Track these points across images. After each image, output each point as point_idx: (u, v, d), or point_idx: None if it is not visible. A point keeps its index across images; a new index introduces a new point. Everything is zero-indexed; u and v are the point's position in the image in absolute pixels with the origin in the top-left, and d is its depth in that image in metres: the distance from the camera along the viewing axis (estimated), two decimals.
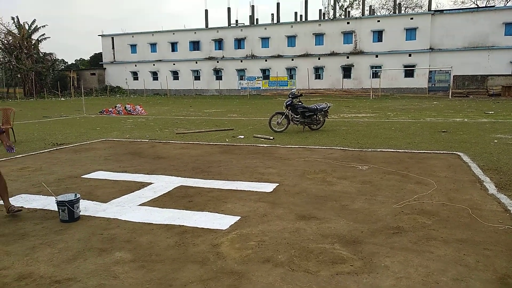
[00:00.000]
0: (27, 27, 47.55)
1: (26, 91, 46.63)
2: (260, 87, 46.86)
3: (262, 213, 4.17)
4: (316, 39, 44.21)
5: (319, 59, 44.25)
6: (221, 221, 3.96)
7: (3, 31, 46.71)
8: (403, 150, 7.77)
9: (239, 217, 4.05)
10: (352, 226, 3.76)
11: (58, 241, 3.53)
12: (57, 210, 4.11)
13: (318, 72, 44.79)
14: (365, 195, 4.77)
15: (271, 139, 9.52)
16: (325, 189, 5.06)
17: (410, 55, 40.37)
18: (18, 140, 9.94)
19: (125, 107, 19.06)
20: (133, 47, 51.88)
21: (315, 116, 10.98)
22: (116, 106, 19.49)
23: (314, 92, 40.47)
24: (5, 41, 46.98)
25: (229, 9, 49.96)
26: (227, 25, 49.51)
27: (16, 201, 4.73)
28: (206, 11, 53.32)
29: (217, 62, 48.47)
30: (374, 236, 3.52)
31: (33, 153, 8.14)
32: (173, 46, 50.23)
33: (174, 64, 50.09)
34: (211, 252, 3.25)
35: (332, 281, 2.73)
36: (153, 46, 51.02)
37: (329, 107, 11.15)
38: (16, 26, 47.43)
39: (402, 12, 47.67)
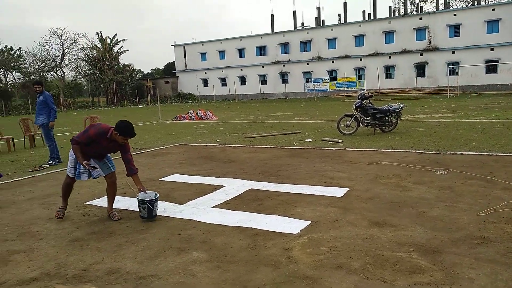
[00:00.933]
0: (108, 41, 51.82)
1: (108, 99, 50.80)
2: (327, 89, 46.21)
3: (333, 219, 4.12)
4: (386, 37, 42.56)
5: (389, 57, 42.52)
6: (292, 225, 3.98)
7: (88, 46, 51.45)
8: (486, 153, 7.17)
9: (310, 222, 4.04)
10: (430, 235, 3.56)
11: (141, 240, 3.80)
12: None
13: (388, 71, 43.05)
14: (444, 202, 4.49)
15: (340, 142, 9.35)
16: (400, 195, 4.85)
17: (492, 49, 37.20)
18: None
19: (197, 113, 19.93)
20: (203, 55, 54.11)
21: (386, 118, 10.57)
22: (188, 112, 20.46)
23: (385, 92, 38.92)
24: (91, 55, 51.65)
25: (294, 12, 50.10)
26: (292, 29, 49.61)
27: (103, 201, 5.17)
28: (272, 16, 54.07)
29: (283, 65, 48.73)
30: (455, 245, 3.30)
31: (116, 157, 8.82)
32: (240, 52, 51.50)
33: (241, 69, 51.32)
34: (282, 255, 3.29)
35: None
36: (222, 53, 52.77)
37: (402, 107, 10.66)
38: (99, 40, 51.94)
39: (482, 3, 43.96)
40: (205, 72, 53.69)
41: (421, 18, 41.03)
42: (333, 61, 45.69)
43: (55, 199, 5.42)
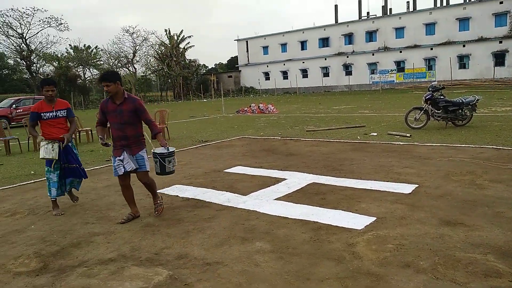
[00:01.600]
0: (176, 38, 54.01)
1: (175, 94, 53.09)
2: (393, 81, 44.20)
3: (400, 216, 3.97)
4: (460, 24, 39.60)
5: (464, 46, 39.53)
6: (356, 221, 3.90)
7: (157, 43, 54.06)
8: None
9: (375, 218, 3.94)
10: (509, 237, 3.30)
11: (207, 228, 3.97)
12: (206, 200, 4.62)
13: (462, 61, 40.07)
14: None
15: (408, 137, 8.92)
16: (475, 193, 4.54)
17: None
18: (171, 137, 11.42)
19: (259, 106, 20.15)
20: (265, 48, 54.38)
21: (460, 111, 9.87)
22: (250, 106, 20.76)
23: (458, 84, 36.30)
24: (159, 51, 54.25)
25: (359, 1, 48.33)
26: (357, 18, 47.96)
27: (172, 190, 5.47)
28: (336, 6, 52.48)
29: (347, 57, 47.41)
30: None
31: (183, 149, 9.27)
32: (303, 44, 50.97)
33: (303, 62, 50.81)
34: (346, 251, 3.25)
35: None
36: (284, 46, 52.62)
37: (477, 100, 9.89)
38: (167, 37, 54.32)
39: None
40: (267, 66, 53.94)
41: (501, 2, 37.50)
42: (400, 51, 43.52)
43: None
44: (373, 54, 45.53)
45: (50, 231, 4.10)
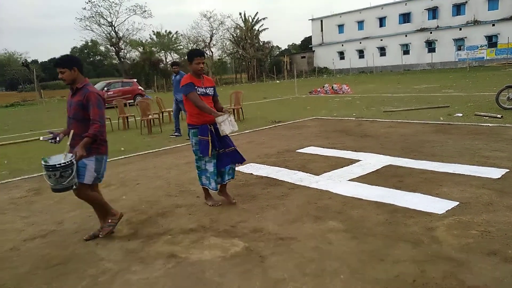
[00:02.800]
0: (250, 20, 54.41)
1: (249, 76, 53.85)
2: (483, 57, 40.13)
3: (486, 201, 3.71)
4: None
5: None
6: (436, 205, 3.73)
7: (233, 26, 54.98)
8: None
9: (458, 203, 3.72)
10: None
11: (280, 205, 4.07)
12: (279, 178, 4.72)
13: None
14: None
15: (499, 118, 8.14)
16: None
17: None
18: (246, 118, 11.70)
19: (332, 87, 19.70)
20: (341, 27, 52.50)
21: None
22: (324, 86, 20.37)
23: None
24: (234, 35, 55.18)
25: None
26: None
27: (247, 168, 5.65)
28: None
29: (430, 33, 43.95)
30: None
31: (257, 129, 9.47)
32: (381, 21, 48.28)
33: (381, 40, 48.22)
34: (424, 234, 3.13)
35: None
36: (360, 24, 50.34)
37: None
38: (242, 20, 54.94)
39: None
40: (342, 45, 52.15)
41: None
42: (493, 25, 39.19)
43: None
44: (460, 29, 41.63)
45: (139, 201, 4.52)
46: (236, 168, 5.69)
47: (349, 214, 3.69)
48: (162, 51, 54.57)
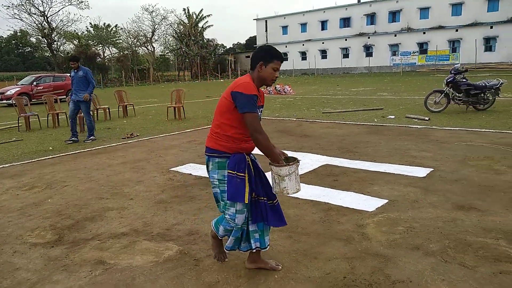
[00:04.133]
0: (194, 17, 53.65)
1: (192, 73, 53.10)
2: (415, 63, 43.03)
3: (412, 199, 3.93)
4: (489, 4, 37.99)
5: (491, 28, 38.01)
6: (367, 203, 3.88)
7: (176, 22, 53.86)
8: None
9: (387, 201, 3.90)
10: None
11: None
12: None
13: (489, 43, 38.62)
14: None
15: (427, 120, 8.73)
16: (491, 178, 4.44)
17: None
18: (187, 117, 11.47)
19: (275, 87, 19.98)
20: (284, 28, 53.53)
21: (482, 95, 9.58)
22: (267, 87, 20.59)
23: (483, 67, 35.10)
24: (178, 30, 54.08)
25: None
26: None
27: (186, 168, 5.52)
28: None
29: (368, 38, 46.28)
30: None
31: (198, 128, 9.32)
32: (323, 24, 49.94)
33: (323, 42, 49.90)
34: (356, 232, 3.24)
35: (493, 279, 2.43)
36: (303, 26, 51.67)
37: (501, 84, 9.56)
38: (186, 16, 54.02)
39: None
40: (285, 46, 53.19)
41: None
42: (424, 33, 42.19)
43: (144, 164, 5.92)
44: (395, 35, 44.30)
45: (66, 205, 4.22)
46: (174, 169, 5.59)
47: (286, 214, 3.68)
48: (100, 45, 52.05)
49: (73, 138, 8.02)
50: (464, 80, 9.69)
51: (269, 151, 2.49)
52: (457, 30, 40.07)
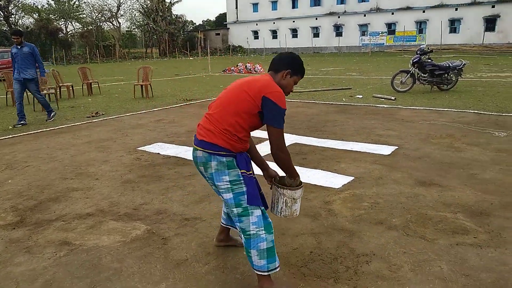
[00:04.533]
0: None
1: (160, 51, 51.68)
2: (383, 43, 43.70)
3: (377, 176, 4.05)
4: None
5: (456, 9, 38.99)
6: (334, 180, 3.97)
7: None
8: None
9: (353, 178, 4.01)
10: (480, 197, 3.40)
11: (187, 185, 3.98)
12: (188, 158, 4.59)
13: (453, 25, 39.67)
14: (499, 165, 4.23)
15: (393, 100, 8.95)
16: (452, 156, 4.63)
17: None
18: (155, 95, 11.21)
19: (246, 66, 19.81)
20: (255, 5, 52.71)
21: (446, 75, 9.89)
22: (237, 65, 20.39)
23: (448, 48, 36.15)
24: (145, 5, 52.16)
25: None
26: None
27: (153, 148, 5.43)
28: None
29: (338, 17, 46.41)
30: (507, 209, 3.14)
31: (167, 107, 9.14)
32: (294, 2, 49.55)
33: (293, 21, 49.62)
34: (323, 208, 3.32)
35: (450, 250, 2.56)
36: (274, 3, 51.07)
37: (464, 64, 9.89)
38: None
39: None
40: (256, 24, 52.56)
41: None
42: (392, 13, 42.74)
43: (109, 144, 5.77)
44: (364, 15, 44.64)
45: (28, 186, 4.07)
46: (141, 148, 5.49)
47: None
48: (62, 19, 49.51)
49: (21, 122, 7.37)
50: (429, 60, 9.95)
51: (291, 171, 2.28)
52: (424, 11, 40.84)
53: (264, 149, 4.13)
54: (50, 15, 47.63)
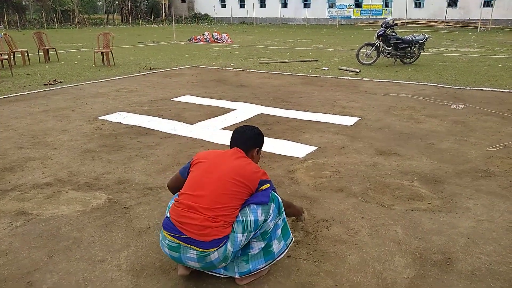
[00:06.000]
0: None
1: (123, 17, 49.31)
2: (350, 16, 43.77)
3: (339, 146, 4.14)
4: None
5: None
6: (298, 150, 4.02)
7: None
8: (508, 90, 6.90)
9: (316, 147, 4.08)
10: (435, 166, 3.57)
11: (150, 155, 3.92)
12: (151, 128, 4.49)
13: None
14: (455, 136, 4.43)
15: (357, 72, 9.07)
16: (411, 127, 4.80)
17: None
18: (117, 63, 10.78)
19: (212, 35, 19.33)
20: None
21: (409, 49, 10.09)
22: (203, 34, 19.86)
23: (412, 23, 36.77)
24: None
25: None
26: None
27: (115, 117, 5.26)
28: None
29: None
30: (459, 177, 3.32)
31: (129, 75, 8.83)
32: None
33: None
34: (286, 177, 3.37)
35: (406, 216, 2.69)
36: None
37: (426, 39, 10.11)
38: None
39: None
40: None
41: None
42: None
43: (68, 113, 5.54)
44: None
45: None
46: (102, 117, 5.31)
47: None
48: None
49: None
50: (393, 34, 10.09)
51: (298, 213, 2.57)
52: None
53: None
54: None
